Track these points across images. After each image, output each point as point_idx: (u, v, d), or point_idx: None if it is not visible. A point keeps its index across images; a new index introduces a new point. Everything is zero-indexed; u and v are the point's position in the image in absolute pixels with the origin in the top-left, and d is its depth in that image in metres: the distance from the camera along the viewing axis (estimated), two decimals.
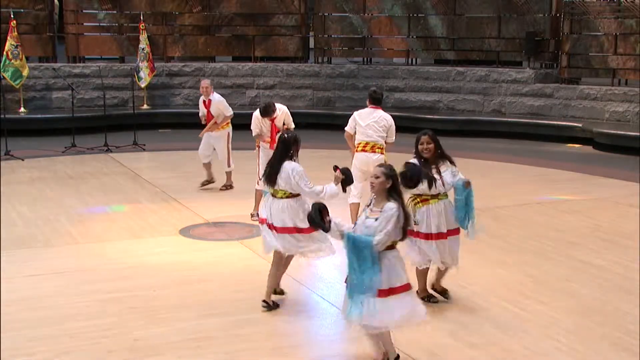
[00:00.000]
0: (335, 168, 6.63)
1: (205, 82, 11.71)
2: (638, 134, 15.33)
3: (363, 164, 9.15)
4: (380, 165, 5.69)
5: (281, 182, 6.77)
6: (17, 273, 7.74)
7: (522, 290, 7.38)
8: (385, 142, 9.30)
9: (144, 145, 15.25)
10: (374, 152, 9.19)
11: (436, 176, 6.75)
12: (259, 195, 10.09)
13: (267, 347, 6.09)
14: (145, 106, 18.21)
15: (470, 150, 15.43)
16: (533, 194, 11.60)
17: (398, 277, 5.51)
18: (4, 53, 16.39)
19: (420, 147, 6.79)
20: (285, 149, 6.88)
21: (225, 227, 9.70)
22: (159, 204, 10.85)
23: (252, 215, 9.96)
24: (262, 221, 7.02)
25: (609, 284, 7.67)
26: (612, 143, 15.68)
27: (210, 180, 11.80)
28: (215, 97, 11.62)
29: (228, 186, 11.73)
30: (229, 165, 11.65)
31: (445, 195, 6.91)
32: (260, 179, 10.00)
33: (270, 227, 6.85)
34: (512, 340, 6.27)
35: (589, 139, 16.28)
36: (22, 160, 13.84)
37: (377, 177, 5.54)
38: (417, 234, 6.81)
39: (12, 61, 16.45)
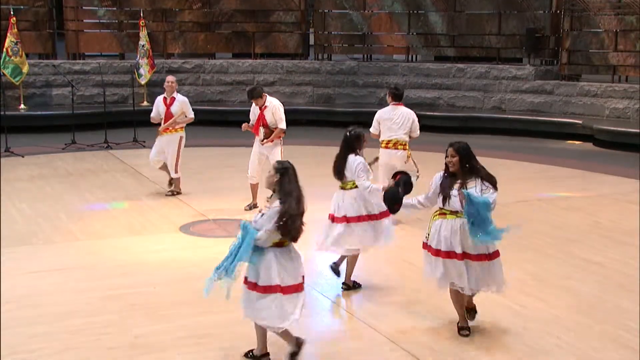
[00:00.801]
0: (395, 175, 6.81)
1: (171, 78, 11.21)
2: (638, 130, 15.33)
3: (386, 160, 9.64)
4: (277, 161, 5.80)
5: (348, 174, 7.13)
6: (17, 270, 7.74)
7: (522, 288, 7.37)
8: (410, 137, 9.77)
9: (144, 142, 15.23)
10: (397, 148, 9.66)
11: (455, 192, 6.16)
12: (254, 189, 10.18)
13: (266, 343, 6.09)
14: (145, 103, 18.16)
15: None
16: (533, 190, 11.60)
17: (267, 277, 5.52)
18: (4, 50, 16.38)
19: (445, 159, 6.31)
20: (347, 145, 7.21)
21: (225, 224, 9.69)
22: (159, 200, 10.85)
23: (254, 207, 10.08)
24: (330, 217, 7.37)
25: (609, 281, 7.67)
26: (612, 140, 15.69)
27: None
28: (180, 96, 11.13)
29: (176, 192, 11.06)
30: (176, 172, 11.01)
31: None
32: (249, 173, 10.17)
33: (336, 219, 7.20)
34: (512, 337, 6.28)
35: (589, 136, 16.29)
36: (22, 157, 13.84)
37: (269, 172, 5.62)
38: (428, 247, 6.34)
39: (12, 58, 16.45)
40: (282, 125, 9.98)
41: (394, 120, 9.63)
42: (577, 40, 17.77)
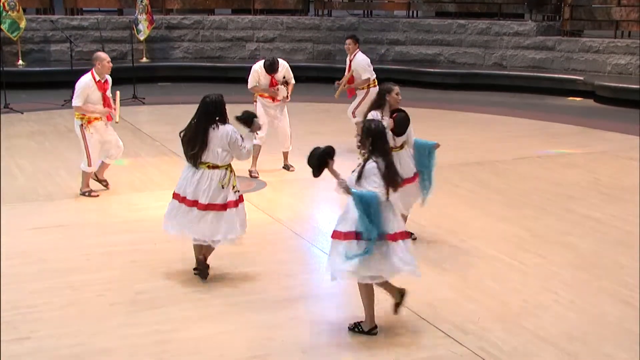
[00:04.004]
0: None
1: (106, 56, 9.20)
2: (639, 86, 15.26)
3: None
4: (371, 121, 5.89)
5: None
6: (19, 227, 7.76)
7: (521, 244, 7.42)
8: None
9: (144, 98, 15.18)
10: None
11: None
12: (256, 151, 10.11)
13: (267, 299, 6.14)
14: (144, 59, 18.08)
15: (471, 104, 15.37)
16: (533, 147, 11.58)
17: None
18: (1, 4, 16.21)
19: (396, 96, 7.02)
20: None
21: None
22: (159, 157, 10.85)
23: (250, 172, 9.95)
24: None
25: (607, 238, 7.71)
26: (613, 96, 15.63)
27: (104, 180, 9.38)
28: (110, 78, 9.25)
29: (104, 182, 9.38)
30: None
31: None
32: (257, 134, 10.02)
33: None
34: (510, 293, 6.32)
35: (590, 92, 16.21)
36: (22, 113, 13.80)
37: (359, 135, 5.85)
38: None
39: (9, 13, 16.29)
40: (293, 81, 10.14)
41: (369, 63, 11.04)
42: None
